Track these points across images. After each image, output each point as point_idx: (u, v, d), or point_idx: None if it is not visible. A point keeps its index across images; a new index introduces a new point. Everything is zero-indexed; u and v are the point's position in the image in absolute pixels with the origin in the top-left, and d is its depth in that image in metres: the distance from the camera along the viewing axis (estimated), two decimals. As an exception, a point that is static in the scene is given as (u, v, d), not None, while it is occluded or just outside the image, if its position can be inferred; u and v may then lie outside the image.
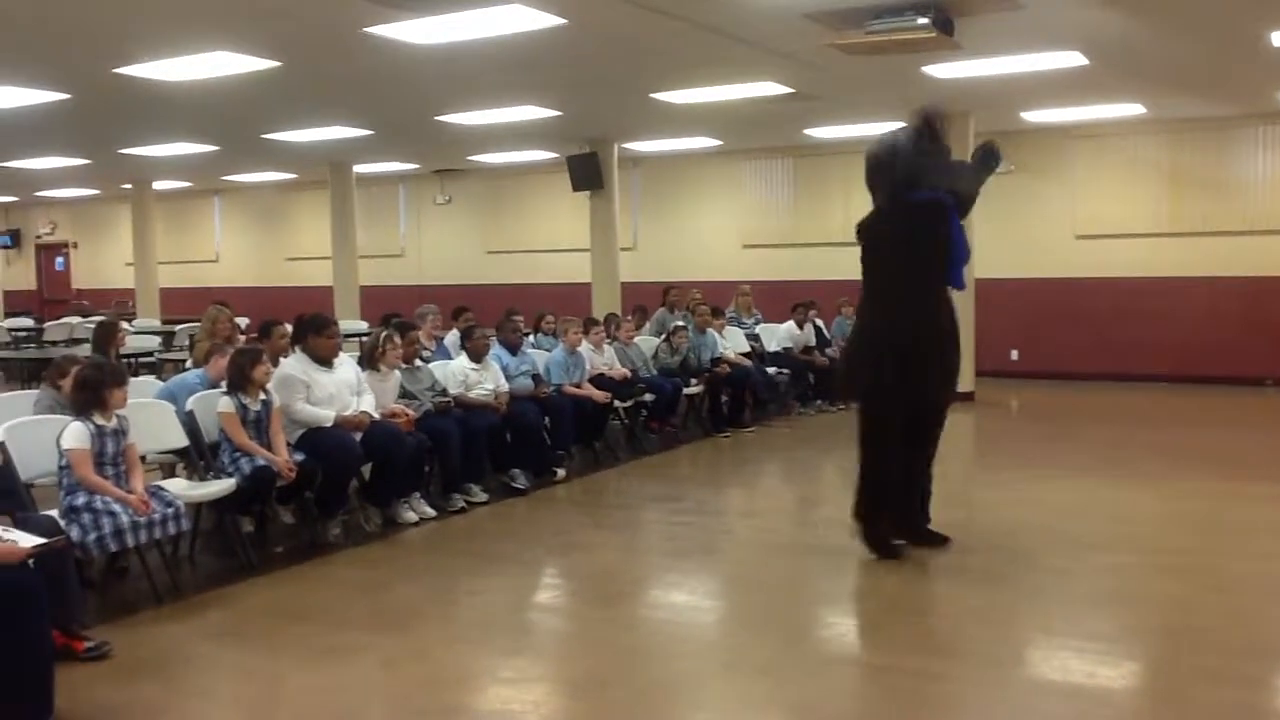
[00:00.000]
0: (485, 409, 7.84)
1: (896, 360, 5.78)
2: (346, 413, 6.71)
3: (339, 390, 6.76)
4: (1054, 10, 7.70)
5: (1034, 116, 12.65)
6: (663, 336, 10.83)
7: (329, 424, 6.58)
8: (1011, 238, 14.03)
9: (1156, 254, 13.65)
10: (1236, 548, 6.31)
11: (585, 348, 9.45)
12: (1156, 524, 6.97)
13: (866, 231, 6.07)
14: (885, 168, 5.93)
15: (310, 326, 6.87)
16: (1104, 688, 4.39)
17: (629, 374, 9.68)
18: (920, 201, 5.83)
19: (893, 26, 7.53)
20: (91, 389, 5.25)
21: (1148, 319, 13.62)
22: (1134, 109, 12.32)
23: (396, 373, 7.35)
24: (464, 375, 7.94)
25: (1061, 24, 8.16)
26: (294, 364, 6.76)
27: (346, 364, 6.97)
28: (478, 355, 8.06)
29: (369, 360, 7.23)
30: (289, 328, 7.59)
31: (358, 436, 6.66)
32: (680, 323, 10.98)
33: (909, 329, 5.84)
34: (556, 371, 8.86)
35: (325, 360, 6.76)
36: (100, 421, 5.24)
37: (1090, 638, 4.96)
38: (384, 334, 7.44)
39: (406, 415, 7.08)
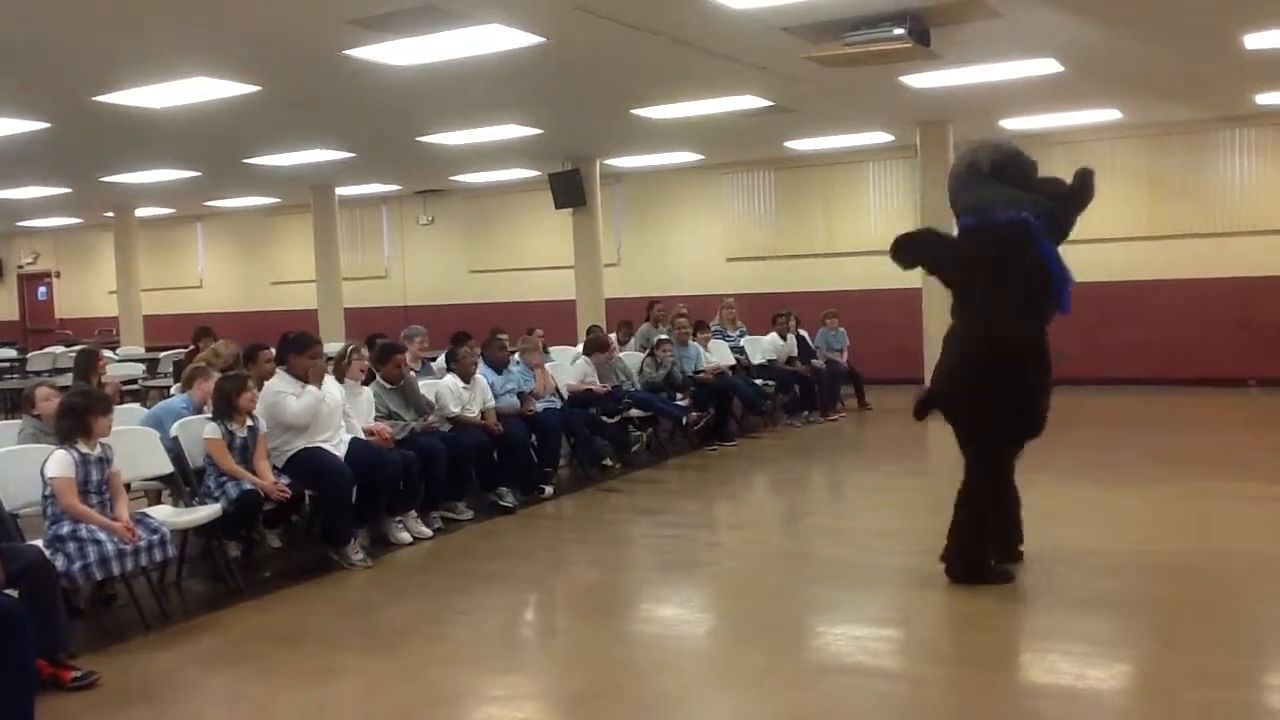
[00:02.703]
0: (481, 429, 7.85)
1: (1012, 384, 5.56)
2: (333, 434, 6.71)
3: (329, 410, 6.75)
4: (1029, 18, 7.77)
5: (1012, 124, 12.73)
6: (647, 351, 10.84)
7: (319, 399, 6.58)
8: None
9: (1137, 258, 13.74)
10: (1224, 547, 6.34)
11: (577, 367, 9.56)
12: (1144, 525, 6.99)
13: (957, 251, 5.84)
14: (963, 186, 5.79)
15: (293, 345, 6.86)
16: (1094, 689, 4.40)
17: (608, 389, 9.67)
18: (1002, 223, 5.59)
19: (870, 38, 7.58)
20: (76, 416, 5.22)
21: (1129, 323, 13.69)
22: (1111, 115, 12.42)
23: (367, 390, 7.35)
24: (458, 394, 7.94)
25: (1037, 32, 8.23)
26: (277, 383, 6.75)
27: (333, 386, 6.95)
28: (466, 375, 8.06)
29: (337, 375, 7.23)
30: (274, 351, 7.59)
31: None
32: (663, 336, 10.99)
33: (1018, 352, 5.58)
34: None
35: (308, 380, 6.74)
36: (84, 449, 5.21)
37: (1080, 640, 4.97)
38: (350, 347, 7.46)
39: (386, 432, 7.08)
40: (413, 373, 7.94)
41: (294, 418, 6.55)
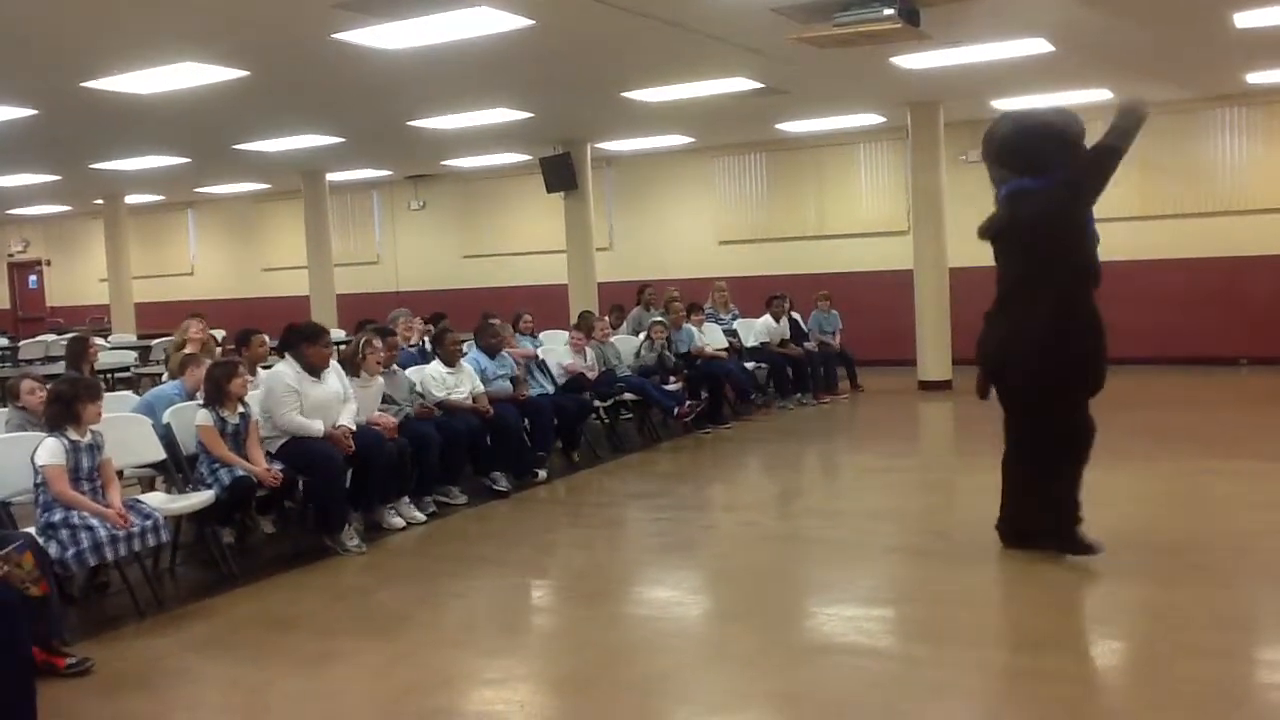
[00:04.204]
0: (471, 413, 7.85)
1: (1079, 360, 5.55)
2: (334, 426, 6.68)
3: (327, 401, 6.69)
4: (1018, -2, 7.77)
5: (1003, 105, 12.70)
6: (643, 335, 10.82)
7: (319, 434, 6.53)
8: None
9: (1128, 238, 13.70)
10: (1215, 524, 6.38)
11: (564, 350, 9.54)
12: (1136, 504, 7.02)
13: (1016, 224, 5.57)
14: (1014, 148, 5.58)
15: (304, 335, 6.75)
16: (1087, 666, 4.43)
17: (593, 373, 9.65)
18: (1058, 183, 5.48)
19: (859, 18, 7.56)
20: (64, 404, 5.22)
21: (1121, 302, 13.47)
22: (1102, 94, 12.39)
23: (380, 379, 7.32)
24: (442, 379, 7.93)
25: (1027, 11, 8.21)
26: (287, 372, 6.66)
27: (334, 374, 6.88)
28: (451, 360, 8.05)
29: (350, 367, 7.19)
30: (266, 336, 7.58)
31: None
32: (658, 318, 10.98)
33: (1083, 327, 5.60)
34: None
35: (316, 370, 6.71)
36: (74, 437, 5.21)
37: (1069, 617, 5.01)
38: (364, 340, 7.40)
39: (390, 423, 7.06)
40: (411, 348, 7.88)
41: (288, 424, 6.52)
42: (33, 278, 24.30)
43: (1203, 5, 8.35)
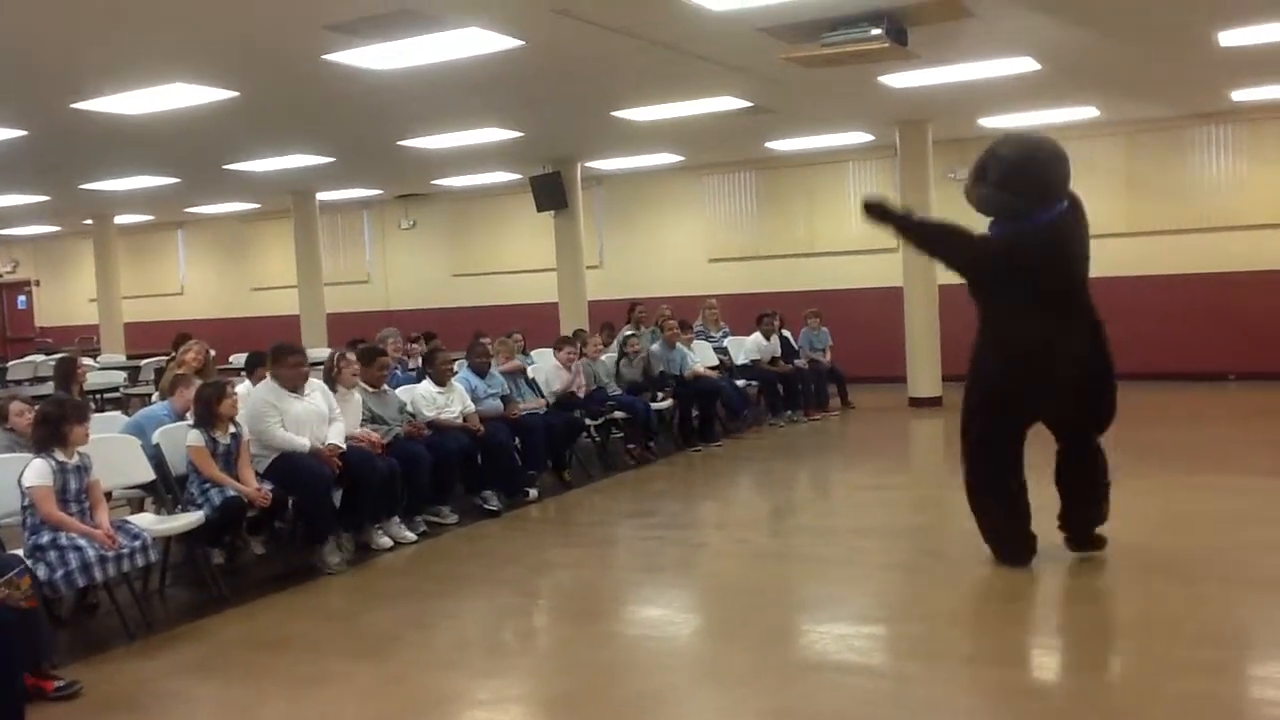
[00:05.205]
0: (462, 431, 7.84)
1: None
2: (319, 442, 6.68)
3: (309, 418, 6.71)
4: (1004, 18, 7.81)
5: (990, 123, 12.78)
6: (619, 352, 10.78)
7: (305, 450, 6.55)
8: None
9: (1115, 254, 13.73)
10: (1205, 539, 6.39)
11: (552, 366, 9.52)
12: (1122, 519, 7.00)
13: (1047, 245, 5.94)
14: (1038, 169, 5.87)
15: (272, 355, 6.87)
16: (1076, 683, 4.43)
17: (584, 390, 9.64)
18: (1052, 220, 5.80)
19: (847, 38, 7.60)
20: (51, 425, 5.20)
21: (1109, 318, 13.69)
22: (1089, 112, 12.48)
23: (357, 394, 7.32)
24: (432, 399, 7.93)
25: (1013, 31, 8.27)
26: (265, 391, 6.72)
27: (318, 392, 6.91)
28: (442, 380, 8.05)
29: (328, 383, 7.20)
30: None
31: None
32: (629, 331, 10.92)
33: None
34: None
35: (293, 388, 6.72)
36: (62, 458, 5.19)
37: (1061, 634, 5.01)
38: (337, 354, 7.41)
39: (374, 441, 7.05)
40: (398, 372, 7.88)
41: (273, 439, 6.54)
42: (21, 298, 24.23)
43: (1188, 24, 8.41)
